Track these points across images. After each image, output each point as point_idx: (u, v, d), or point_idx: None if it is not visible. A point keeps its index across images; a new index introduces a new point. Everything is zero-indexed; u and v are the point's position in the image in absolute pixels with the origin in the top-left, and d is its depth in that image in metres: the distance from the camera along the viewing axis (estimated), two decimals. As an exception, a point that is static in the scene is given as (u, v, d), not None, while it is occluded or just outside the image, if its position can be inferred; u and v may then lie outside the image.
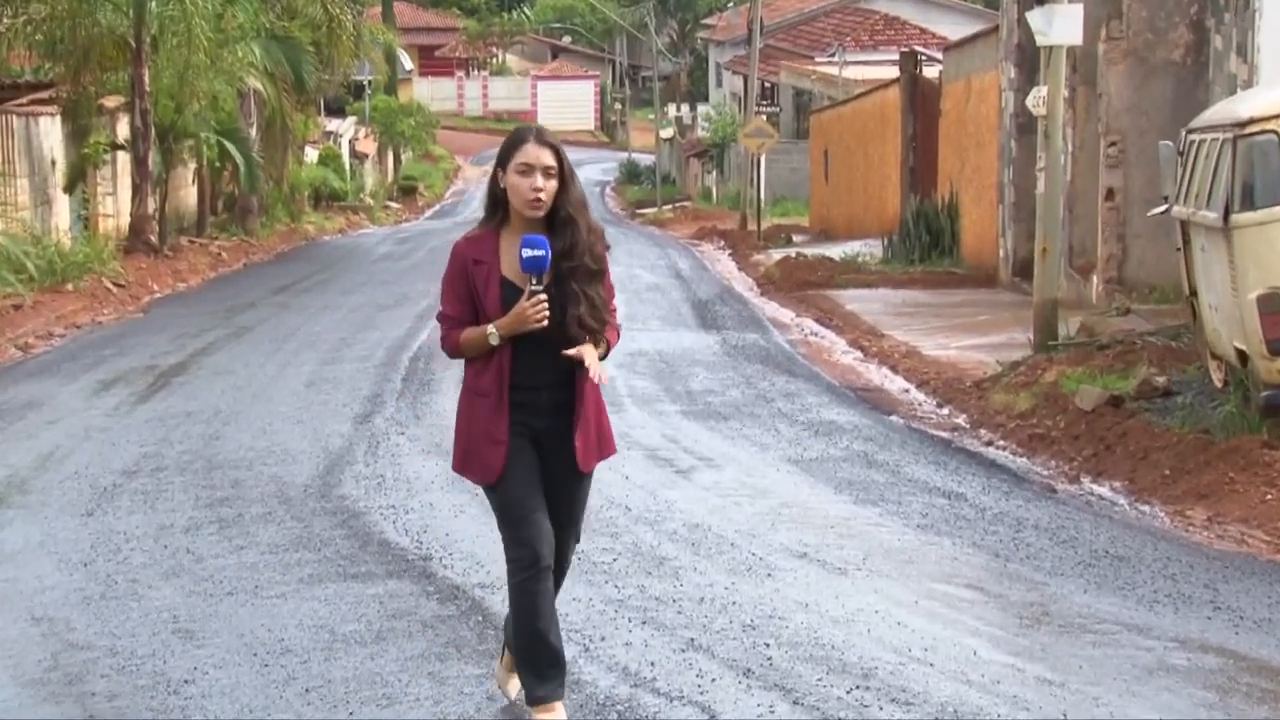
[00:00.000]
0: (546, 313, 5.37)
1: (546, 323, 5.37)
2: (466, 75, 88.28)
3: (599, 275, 5.52)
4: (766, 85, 52.10)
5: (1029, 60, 20.52)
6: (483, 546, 8.39)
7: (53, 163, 25.92)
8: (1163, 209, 12.80)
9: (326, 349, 17.47)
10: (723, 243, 36.39)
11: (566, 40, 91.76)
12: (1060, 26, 14.37)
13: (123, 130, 28.48)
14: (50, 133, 25.98)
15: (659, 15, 71.61)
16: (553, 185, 5.44)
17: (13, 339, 18.40)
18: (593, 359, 5.46)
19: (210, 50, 27.39)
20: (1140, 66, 18.08)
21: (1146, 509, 9.79)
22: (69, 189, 26.52)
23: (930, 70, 30.97)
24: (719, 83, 68.17)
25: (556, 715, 5.54)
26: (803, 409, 13.50)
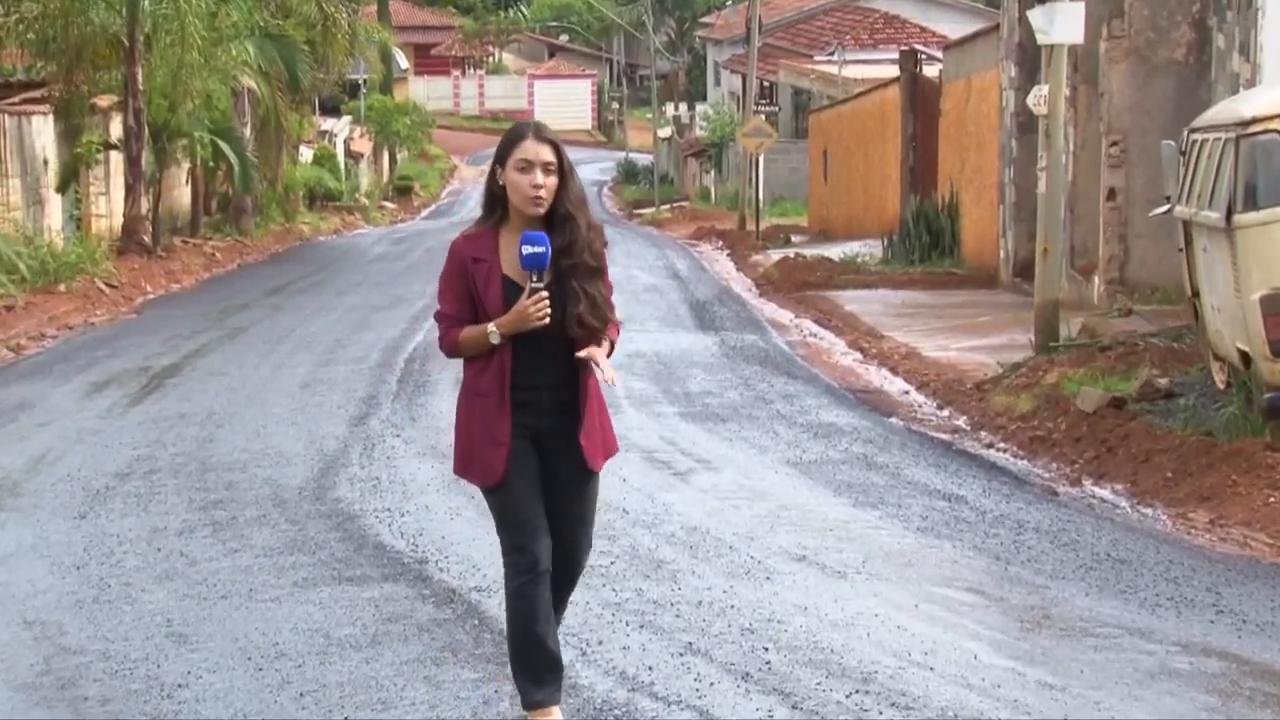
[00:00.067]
0: (548, 310, 5.35)
1: (548, 320, 5.36)
2: (463, 74, 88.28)
3: (599, 272, 5.50)
4: (765, 84, 52.10)
5: (1030, 59, 20.52)
6: (479, 549, 8.40)
7: (45, 162, 25.92)
8: (1165, 209, 12.80)
9: (321, 350, 17.47)
10: (721, 243, 36.38)
11: (563, 39, 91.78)
12: (1061, 25, 14.38)
13: (116, 129, 28.47)
14: (42, 132, 25.97)
15: (656, 14, 71.59)
16: (553, 182, 5.42)
17: (4, 340, 18.39)
18: (604, 360, 5.45)
19: (204, 49, 27.38)
20: (1142, 65, 18.09)
21: (1149, 512, 9.80)
22: (61, 189, 26.51)
23: (930, 69, 30.96)
24: (717, 82, 68.20)
25: (554, 720, 5.55)
26: (801, 411, 13.50)
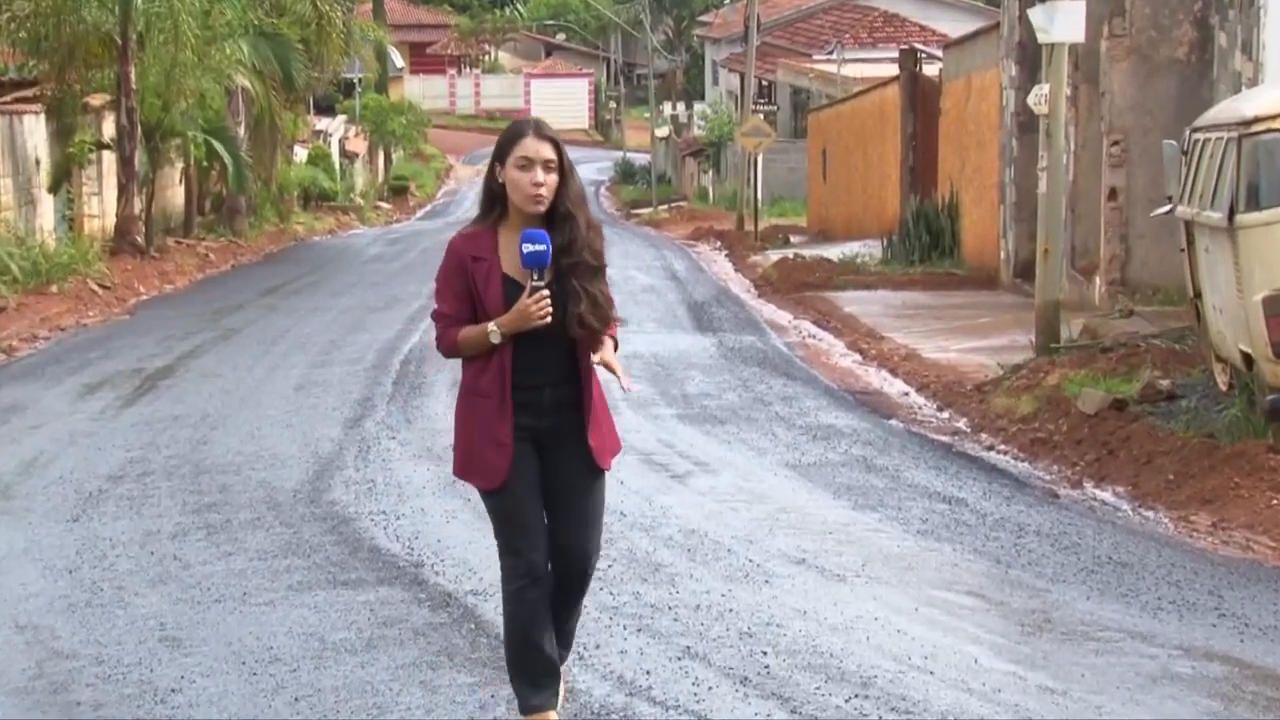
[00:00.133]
0: (549, 309, 5.33)
1: (549, 319, 5.35)
2: (459, 73, 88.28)
3: (600, 271, 5.49)
4: (764, 83, 52.10)
5: (1030, 58, 20.52)
6: (475, 553, 8.40)
7: (37, 162, 25.90)
8: (1166, 209, 12.81)
9: (316, 352, 17.47)
10: (719, 243, 36.38)
11: (560, 37, 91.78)
12: (1062, 23, 14.39)
13: (108, 129, 28.45)
14: (34, 131, 25.96)
15: (654, 12, 71.59)
16: (553, 180, 5.40)
17: (-4, 342, 18.39)
18: (619, 366, 5.44)
19: (198, 47, 27.37)
20: (1143, 64, 18.10)
21: (1150, 514, 9.80)
22: (53, 189, 26.50)
23: (930, 68, 30.98)
24: (715, 81, 68.20)
25: (550, 725, 5.55)
26: (800, 413, 13.50)
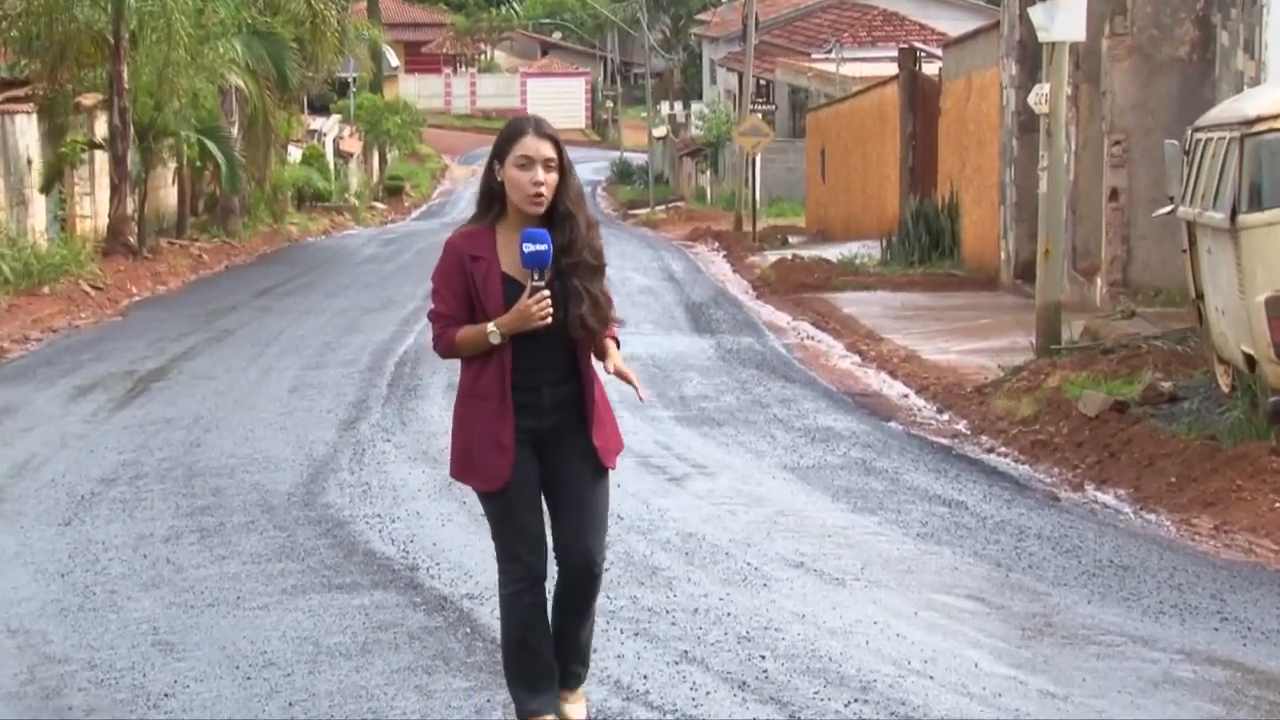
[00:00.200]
0: (550, 309, 5.33)
1: (550, 320, 5.35)
2: (454, 72, 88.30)
3: (600, 271, 5.49)
4: (762, 83, 52.11)
5: (1031, 57, 20.53)
6: (471, 556, 8.40)
7: (28, 162, 25.90)
8: (1168, 210, 12.81)
9: (310, 353, 17.47)
10: (717, 244, 36.39)
11: (557, 36, 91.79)
12: (1063, 22, 14.39)
13: (101, 129, 28.46)
14: (26, 131, 25.96)
15: (651, 11, 71.58)
16: (553, 179, 5.39)
17: (-13, 343, 18.39)
18: (634, 375, 5.45)
19: (191, 46, 27.36)
20: (1145, 63, 18.11)
21: (1152, 517, 9.81)
22: (45, 189, 26.50)
23: (930, 67, 30.97)
24: (713, 80, 68.22)
25: (548, 730, 5.55)
26: (799, 415, 13.51)
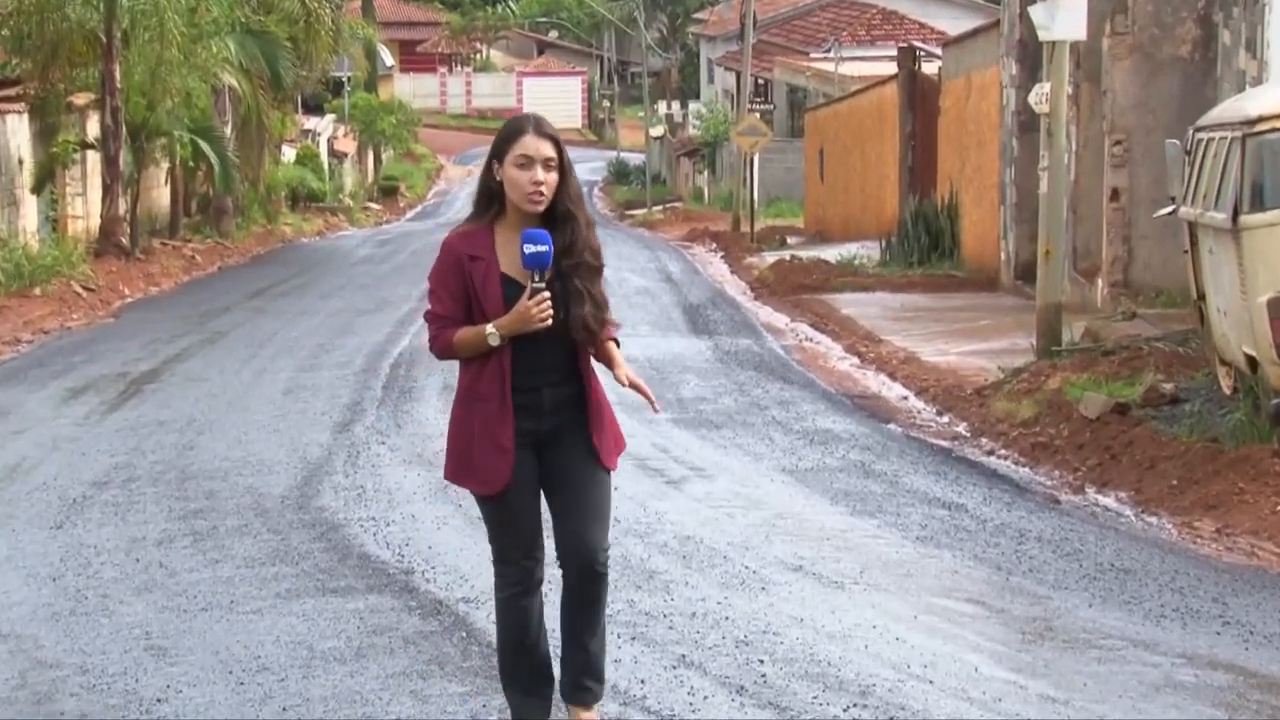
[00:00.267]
0: (550, 311, 5.32)
1: (550, 322, 5.34)
2: (449, 71, 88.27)
3: (600, 272, 5.49)
4: (760, 82, 52.11)
5: (1031, 56, 20.54)
6: (466, 560, 8.40)
7: (20, 162, 25.89)
8: (1169, 210, 12.82)
9: (304, 355, 17.46)
10: (714, 245, 36.41)
11: (553, 35, 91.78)
12: (1063, 21, 14.40)
13: (93, 128, 28.45)
14: (17, 131, 25.95)
15: (648, 9, 71.56)
16: (553, 178, 5.38)
17: (-22, 345, 18.38)
18: (646, 386, 5.47)
19: (183, 45, 27.36)
20: (1146, 63, 18.12)
21: (1153, 520, 9.81)
22: (37, 190, 26.49)
23: (929, 66, 30.98)
24: (711, 79, 68.21)
25: (544, 735, 5.55)
26: (798, 417, 13.51)
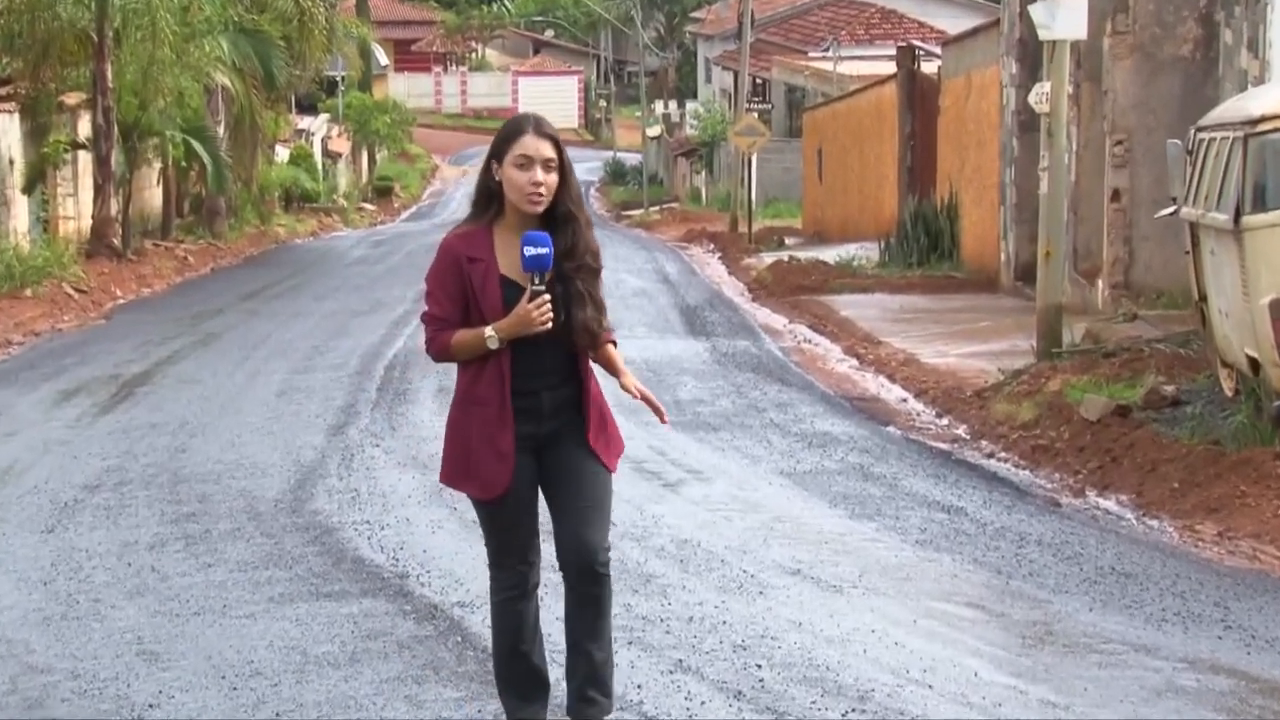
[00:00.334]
0: (551, 314, 5.31)
1: (550, 325, 5.33)
2: (444, 71, 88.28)
3: (599, 273, 5.49)
4: (758, 81, 52.12)
5: (1031, 55, 20.55)
6: (461, 564, 8.39)
7: (10, 162, 25.88)
8: (1171, 210, 12.82)
9: (298, 357, 17.46)
10: (712, 246, 36.43)
11: (549, 34, 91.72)
12: (1064, 20, 14.40)
13: (84, 128, 28.44)
14: (8, 131, 25.94)
15: (645, 8, 71.61)
16: (553, 179, 5.37)
17: (-31, 347, 18.37)
18: (654, 399, 5.53)
19: (176, 44, 27.35)
20: (1147, 62, 18.13)
21: (1154, 523, 9.81)
22: (28, 190, 26.48)
23: (929, 65, 31.00)
24: (708, 79, 68.21)
25: (539, 740, 5.55)
26: (796, 419, 13.51)
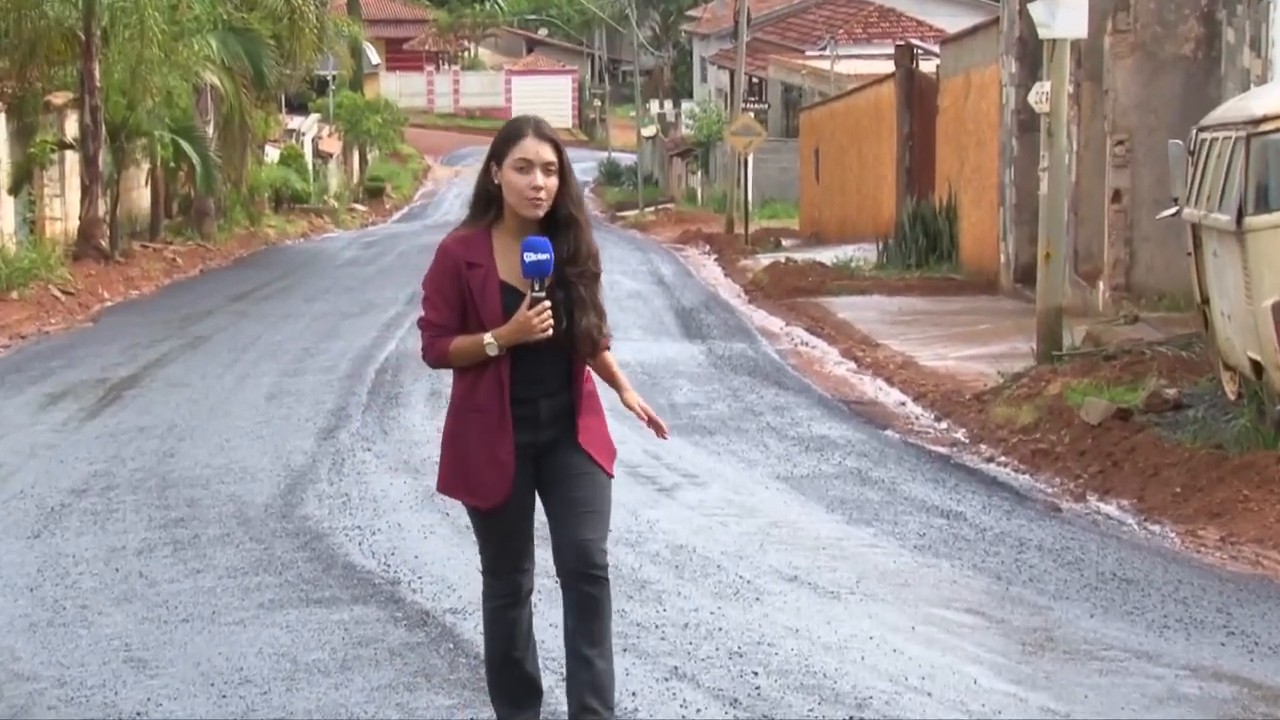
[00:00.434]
0: (551, 322, 5.29)
1: (551, 332, 5.32)
2: (437, 70, 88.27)
3: (599, 278, 5.48)
4: (754, 80, 52.13)
5: (1031, 54, 20.57)
6: (454, 569, 8.39)
7: (-4, 163, 25.88)
8: (1172, 211, 12.83)
9: (288, 360, 17.45)
10: (708, 247, 36.46)
11: (542, 33, 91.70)
12: (1064, 19, 14.41)
13: (71, 128, 28.42)
14: (-6, 131, 25.93)
15: (640, 7, 71.58)
16: (553, 183, 5.35)
17: (-46, 350, 18.36)
18: (654, 413, 5.53)
19: (164, 43, 27.33)
20: (1148, 61, 18.14)
21: (1156, 529, 9.81)
22: (14, 191, 26.45)
23: (927, 64, 31.02)
24: (704, 78, 68.24)
25: (532, 748, 5.55)
26: (793, 423, 13.51)
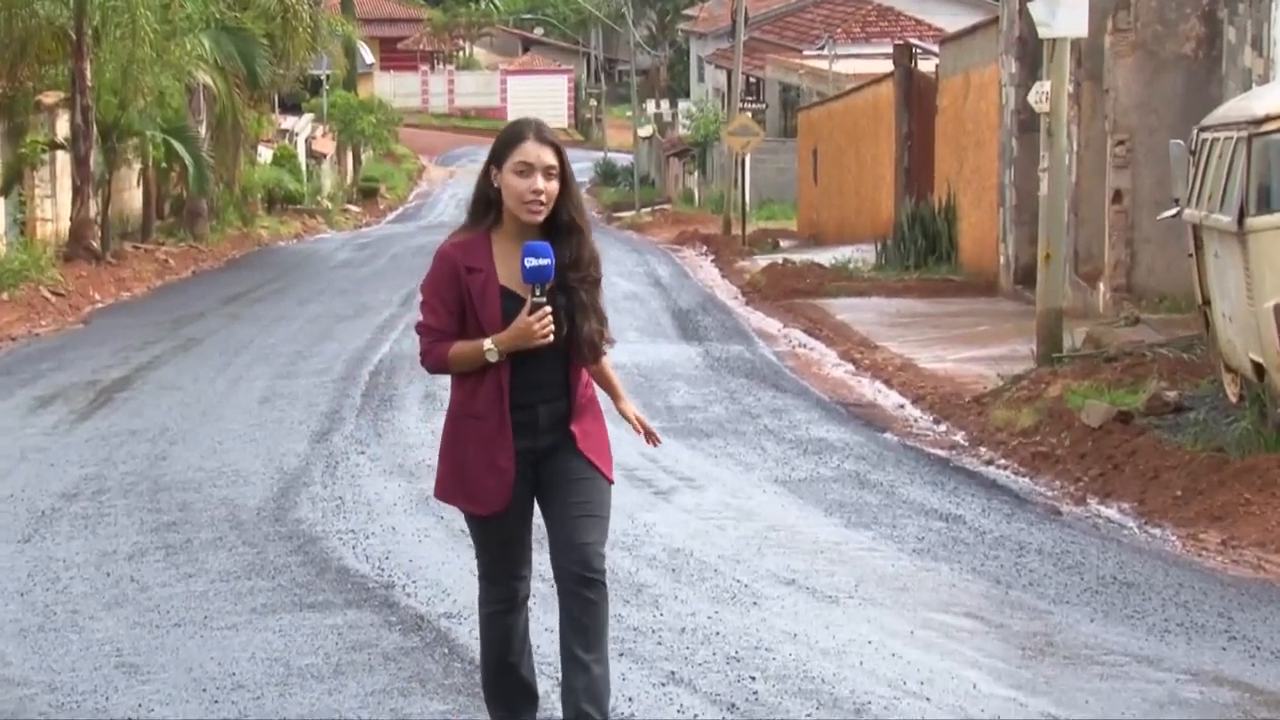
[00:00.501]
0: (552, 328, 5.28)
1: (552, 338, 5.31)
2: (431, 69, 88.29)
3: (600, 283, 5.48)
4: (751, 80, 52.15)
5: (1031, 54, 20.58)
6: (448, 573, 8.39)
7: (-14, 163, 25.88)
8: (1173, 212, 12.84)
9: (281, 362, 17.45)
10: (705, 248, 36.46)
11: (538, 32, 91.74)
12: (1064, 18, 14.42)
13: (62, 128, 28.42)
14: (-16, 131, 25.94)
15: (636, 6, 71.60)
16: (553, 187, 5.34)
17: (-56, 352, 18.36)
18: (647, 422, 5.56)
19: (156, 43, 27.33)
20: (1149, 60, 18.15)
21: (1157, 532, 9.82)
22: (4, 191, 26.45)
23: (926, 64, 31.04)
24: (701, 78, 68.24)
25: (528, 753, 5.55)
26: (790, 426, 13.51)
